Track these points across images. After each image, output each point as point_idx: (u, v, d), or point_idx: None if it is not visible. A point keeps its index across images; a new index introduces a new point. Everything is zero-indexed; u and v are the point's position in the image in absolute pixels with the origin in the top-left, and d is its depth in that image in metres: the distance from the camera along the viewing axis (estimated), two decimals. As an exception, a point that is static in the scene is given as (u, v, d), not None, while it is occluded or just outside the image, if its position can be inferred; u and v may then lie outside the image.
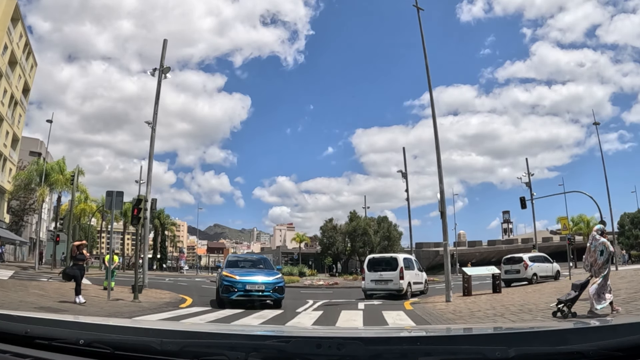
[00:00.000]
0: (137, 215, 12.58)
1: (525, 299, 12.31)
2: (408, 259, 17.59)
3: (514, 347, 1.17)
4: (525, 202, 32.54)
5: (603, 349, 1.16)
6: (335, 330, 3.02)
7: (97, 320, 1.73)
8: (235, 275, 11.54)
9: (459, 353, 1.23)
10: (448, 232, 12.98)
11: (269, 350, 1.27)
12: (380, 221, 48.87)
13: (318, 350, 1.21)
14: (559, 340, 1.22)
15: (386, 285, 15.81)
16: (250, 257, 15.62)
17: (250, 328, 3.23)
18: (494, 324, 7.34)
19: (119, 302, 12.20)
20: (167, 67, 21.40)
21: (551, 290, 15.44)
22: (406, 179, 34.44)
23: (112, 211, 13.77)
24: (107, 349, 1.33)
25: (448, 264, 12.42)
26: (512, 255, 22.62)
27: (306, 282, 28.90)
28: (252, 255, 18.90)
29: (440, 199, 12.85)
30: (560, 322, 2.71)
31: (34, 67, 50.30)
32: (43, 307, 9.52)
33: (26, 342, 1.40)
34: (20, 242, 44.16)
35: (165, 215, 64.29)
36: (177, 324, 3.18)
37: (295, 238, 63.29)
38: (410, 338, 1.42)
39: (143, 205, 12.64)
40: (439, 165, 13.23)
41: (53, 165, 37.12)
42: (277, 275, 12.00)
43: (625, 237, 55.23)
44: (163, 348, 1.29)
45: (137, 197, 12.86)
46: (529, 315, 8.80)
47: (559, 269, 23.47)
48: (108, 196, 13.79)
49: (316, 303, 13.10)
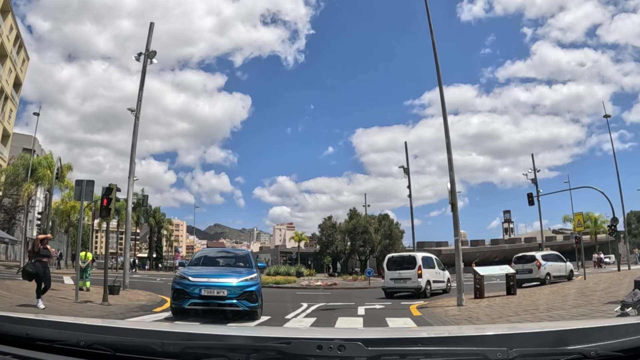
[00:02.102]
0: (106, 207, 11.08)
1: (548, 302, 10.81)
2: (428, 257, 17.41)
3: (515, 348, 1.17)
4: (532, 198, 31.60)
5: (604, 349, 1.17)
6: (336, 331, 2.87)
7: (98, 322, 1.94)
8: (189, 276, 8.59)
9: (460, 354, 1.24)
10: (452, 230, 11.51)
11: (270, 352, 1.26)
12: (381, 219, 46.88)
13: (319, 352, 1.22)
14: (560, 341, 1.22)
15: (405, 284, 15.97)
16: (227, 253, 12.40)
17: (250, 329, 3.08)
18: (495, 324, 7.08)
19: (86, 306, 10.76)
20: (153, 52, 19.95)
21: (571, 291, 14.04)
22: (408, 175, 33.10)
23: (82, 202, 12.35)
24: (108, 350, 1.34)
25: (460, 262, 10.89)
26: (524, 253, 21.10)
27: (303, 282, 27.40)
28: (229, 250, 15.79)
29: (450, 189, 11.33)
30: (561, 323, 2.53)
31: (25, 61, 49.02)
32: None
33: (27, 344, 1.40)
34: (12, 240, 42.83)
35: (161, 214, 63.20)
36: (178, 326, 3.36)
37: (293, 237, 61.92)
38: (411, 339, 1.41)
39: (114, 195, 11.13)
40: (449, 151, 11.70)
41: (40, 159, 35.71)
42: (249, 276, 8.83)
43: (632, 235, 54.21)
44: (164, 350, 1.30)
45: (108, 185, 11.33)
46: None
47: (572, 268, 22.00)
48: (77, 186, 12.37)
49: (311, 307, 11.57)
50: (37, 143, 50.15)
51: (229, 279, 8.63)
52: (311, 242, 57.64)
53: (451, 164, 11.62)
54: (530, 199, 31.59)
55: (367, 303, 12.98)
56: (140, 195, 36.22)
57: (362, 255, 46.72)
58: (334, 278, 34.35)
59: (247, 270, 9.28)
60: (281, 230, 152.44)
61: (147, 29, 20.19)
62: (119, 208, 45.08)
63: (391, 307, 12.08)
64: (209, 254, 11.69)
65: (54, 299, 11.39)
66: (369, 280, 25.34)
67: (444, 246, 59.87)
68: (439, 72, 12.71)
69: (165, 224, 64.28)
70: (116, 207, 45.11)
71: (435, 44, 12.59)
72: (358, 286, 25.57)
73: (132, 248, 75.00)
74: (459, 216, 11.46)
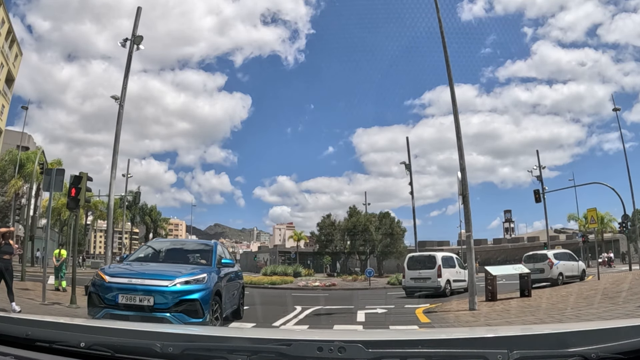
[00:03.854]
0: (75, 197, 9.85)
1: (573, 305, 9.57)
2: (448, 257, 17.56)
3: (515, 350, 1.18)
4: (539, 195, 30.83)
5: (605, 351, 1.17)
6: (336, 333, 2.72)
7: (98, 323, 1.95)
8: (107, 274, 6.29)
9: (460, 357, 1.26)
10: (454, 229, 10.36)
11: (270, 354, 1.28)
12: (382, 217, 45.21)
13: (319, 354, 1.22)
14: (561, 343, 1.23)
15: (425, 283, 16.16)
16: (183, 245, 9.46)
17: (251, 331, 2.75)
18: (496, 327, 6.93)
19: (51, 308, 9.59)
20: (139, 37, 18.66)
21: (591, 292, 12.88)
22: (410, 171, 31.89)
23: (51, 192, 11.20)
24: (108, 351, 1.34)
25: (472, 259, 9.63)
26: (534, 252, 19.95)
27: (300, 283, 26.20)
28: (189, 242, 12.38)
29: (461, 178, 10.08)
30: (562, 325, 2.05)
31: (18, 56, 47.87)
32: None
33: (27, 344, 1.40)
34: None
35: (158, 212, 62.26)
36: (178, 327, 3.64)
37: (292, 236, 60.72)
38: (411, 341, 1.40)
39: (83, 184, 9.89)
40: (459, 136, 10.46)
41: (29, 155, 34.52)
42: (195, 276, 6.28)
43: (638, 234, 52.89)
44: (164, 351, 1.30)
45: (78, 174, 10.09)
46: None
47: (584, 267, 20.80)
48: (47, 175, 11.22)
49: (305, 311, 10.32)
50: (31, 140, 49.19)
51: (161, 280, 5.97)
52: (310, 241, 56.39)
53: (461, 152, 10.39)
54: (537, 196, 30.95)
55: (368, 307, 11.71)
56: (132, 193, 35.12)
57: (362, 254, 45.21)
58: (333, 278, 33.08)
59: (196, 269, 6.59)
60: (281, 230, 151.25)
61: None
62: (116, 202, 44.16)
63: (395, 311, 10.82)
64: (159, 245, 8.63)
65: (22, 299, 10.24)
66: (370, 280, 24.17)
67: (445, 246, 59.11)
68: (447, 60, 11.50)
69: (162, 223, 63.31)
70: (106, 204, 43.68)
71: (445, 42, 11.46)
72: (358, 287, 24.45)
73: (129, 247, 74.16)
74: (459, 216, 10.26)
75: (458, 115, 10.56)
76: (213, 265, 6.99)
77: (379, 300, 14.44)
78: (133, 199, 31.89)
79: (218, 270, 7.00)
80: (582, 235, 42.23)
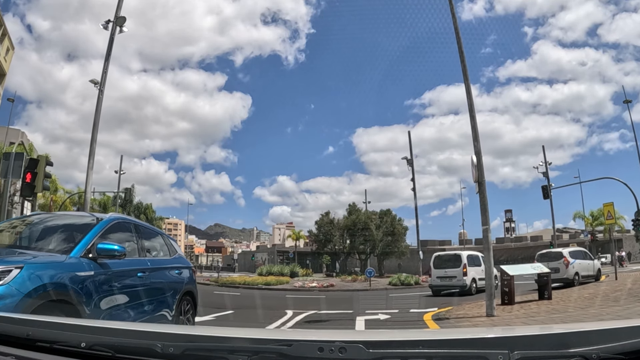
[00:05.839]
0: (30, 183, 8.49)
1: (602, 309, 8.22)
2: (473, 255, 17.60)
3: (516, 350, 1.17)
4: (548, 191, 29.70)
5: (606, 352, 1.16)
6: (337, 333, 2.44)
7: (99, 323, 1.89)
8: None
9: (461, 357, 1.25)
10: (457, 228, 9.11)
11: (271, 354, 1.27)
12: (382, 215, 43.53)
13: (320, 354, 1.22)
14: (561, 344, 1.22)
15: (450, 282, 16.48)
16: (53, 219, 4.90)
17: (251, 331, 2.19)
18: (496, 327, 6.76)
19: None
20: (122, 18, 17.34)
21: (617, 294, 11.55)
22: (412, 166, 30.64)
23: (9, 178, 9.91)
24: (109, 352, 1.33)
25: (490, 257, 8.26)
26: (548, 250, 18.62)
27: (297, 283, 24.80)
28: (64, 215, 5.66)
29: (476, 162, 8.71)
30: (563, 326, 1.67)
31: (10, 50, 46.58)
32: None
33: (28, 345, 1.39)
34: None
35: (153, 211, 61.12)
36: (178, 327, 3.52)
37: (291, 236, 59.38)
38: (412, 342, 1.36)
39: (40, 169, 8.53)
40: (472, 116, 9.10)
41: (17, 150, 33.24)
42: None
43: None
44: (164, 351, 1.30)
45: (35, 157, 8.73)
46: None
47: (600, 267, 19.45)
48: (5, 160, 9.90)
49: (296, 317, 8.95)
50: (25, 136, 48.08)
51: None
52: (309, 240, 54.98)
53: (476, 132, 9.01)
54: (545, 192, 29.81)
55: (368, 311, 10.30)
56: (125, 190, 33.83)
57: (362, 253, 43.54)
58: (332, 278, 31.68)
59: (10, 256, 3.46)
60: (280, 229, 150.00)
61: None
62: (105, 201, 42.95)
63: (399, 316, 9.45)
64: (20, 221, 5.25)
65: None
66: (370, 281, 22.80)
67: (447, 245, 57.88)
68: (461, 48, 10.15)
69: (157, 222, 62.13)
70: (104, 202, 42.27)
71: (460, 39, 10.29)
72: (358, 288, 23.08)
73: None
74: (461, 214, 8.95)
75: (471, 90, 9.19)
76: (74, 253, 3.86)
77: (381, 303, 13.08)
78: (124, 194, 30.53)
79: (83, 263, 3.83)
80: (590, 233, 40.95)
